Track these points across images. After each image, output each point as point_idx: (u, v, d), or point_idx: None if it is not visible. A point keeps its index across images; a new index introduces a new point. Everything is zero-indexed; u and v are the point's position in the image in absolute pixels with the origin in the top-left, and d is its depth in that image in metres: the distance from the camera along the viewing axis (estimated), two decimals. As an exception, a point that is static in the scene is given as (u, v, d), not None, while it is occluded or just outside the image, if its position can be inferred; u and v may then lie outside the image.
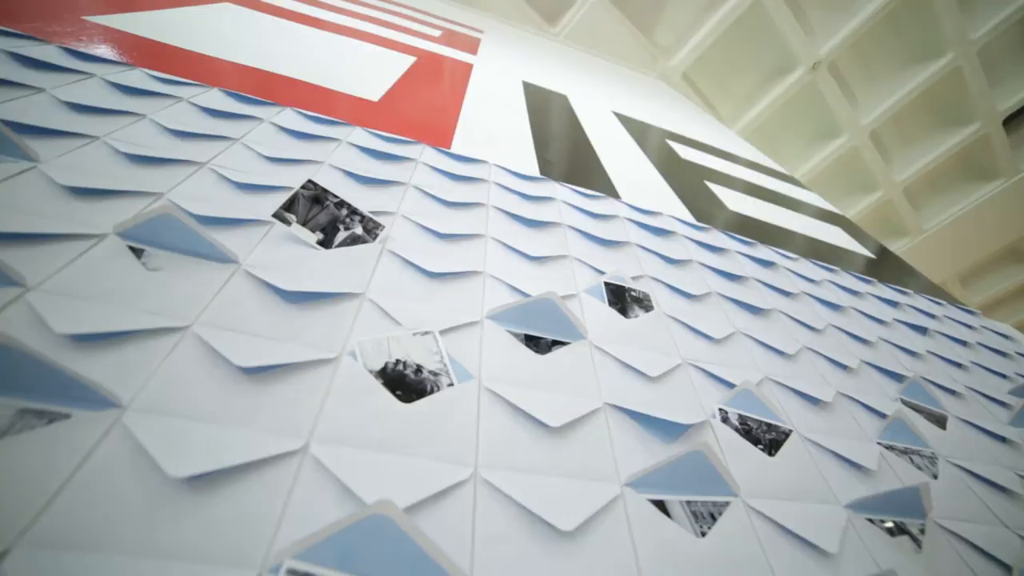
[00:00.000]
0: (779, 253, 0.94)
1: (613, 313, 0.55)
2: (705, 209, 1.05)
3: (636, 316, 0.56)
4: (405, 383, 0.37)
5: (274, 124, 0.71)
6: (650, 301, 0.60)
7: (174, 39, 0.96)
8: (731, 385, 0.50)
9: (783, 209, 1.33)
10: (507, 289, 0.53)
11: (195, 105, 0.69)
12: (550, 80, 1.86)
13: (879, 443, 0.52)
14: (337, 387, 0.35)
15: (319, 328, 0.40)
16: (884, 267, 1.20)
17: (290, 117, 0.75)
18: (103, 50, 0.77)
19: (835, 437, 0.50)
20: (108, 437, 0.28)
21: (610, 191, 0.93)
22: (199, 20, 1.15)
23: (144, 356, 0.33)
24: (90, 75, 0.66)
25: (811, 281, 0.87)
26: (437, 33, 2.05)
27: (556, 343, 0.48)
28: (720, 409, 0.47)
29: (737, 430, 0.45)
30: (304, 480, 0.29)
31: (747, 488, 0.39)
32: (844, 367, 0.64)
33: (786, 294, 0.78)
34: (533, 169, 0.90)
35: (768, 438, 0.46)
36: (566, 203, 0.80)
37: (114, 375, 0.31)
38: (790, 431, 0.48)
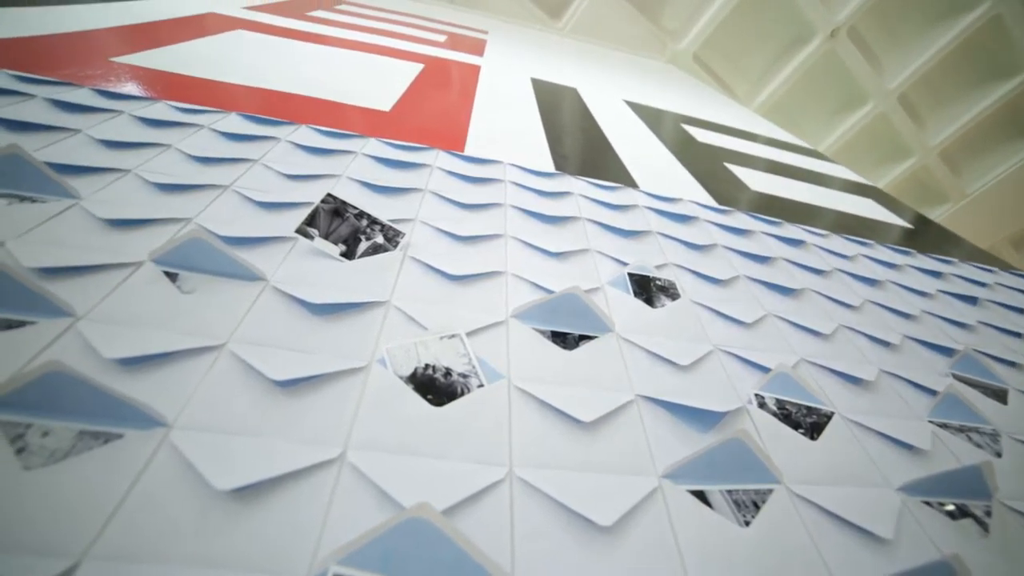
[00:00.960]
0: (807, 231, 0.91)
1: (639, 304, 0.55)
2: (726, 191, 1.03)
3: (663, 305, 0.55)
4: (436, 386, 0.38)
5: (291, 142, 0.73)
6: (676, 289, 0.59)
7: (192, 70, 0.99)
8: (766, 369, 0.49)
9: (809, 185, 1.29)
10: (530, 287, 0.53)
11: (216, 131, 0.71)
12: (558, 74, 1.85)
13: (931, 421, 0.50)
14: (369, 394, 0.36)
15: (348, 338, 0.41)
16: (924, 237, 1.14)
17: (306, 134, 0.77)
18: (129, 87, 0.81)
19: (881, 417, 0.48)
20: (158, 454, 0.29)
21: (627, 181, 0.92)
22: (213, 49, 1.18)
23: (185, 375, 0.34)
24: (119, 112, 0.70)
25: (844, 257, 0.84)
26: (442, 38, 2.06)
27: (583, 338, 0.47)
28: (756, 395, 0.45)
29: (775, 415, 0.44)
30: (343, 487, 0.30)
31: (790, 474, 0.38)
32: (886, 344, 0.61)
33: (817, 272, 0.75)
34: (548, 165, 0.90)
35: (809, 422, 0.44)
36: (583, 196, 0.79)
37: (159, 395, 0.32)
38: (832, 413, 0.46)
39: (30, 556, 0.24)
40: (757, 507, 0.35)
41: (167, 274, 0.42)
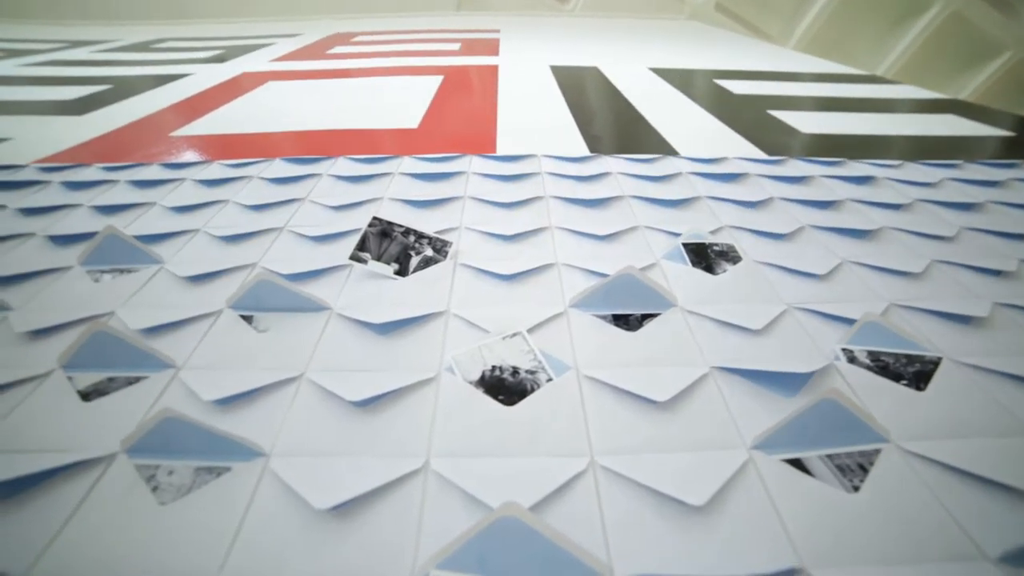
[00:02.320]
0: (876, 165, 0.83)
1: (698, 273, 0.52)
2: (775, 140, 0.96)
3: (724, 271, 0.53)
4: (505, 386, 0.38)
5: (332, 175, 0.76)
6: (736, 252, 0.56)
7: (236, 128, 1.07)
8: (850, 321, 0.45)
9: (870, 115, 1.18)
10: (584, 274, 0.52)
11: (264, 179, 0.76)
12: (577, 57, 1.82)
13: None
14: (443, 403, 0.37)
15: (415, 351, 0.42)
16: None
17: (344, 165, 0.80)
18: (188, 155, 0.88)
19: (1003, 356, 0.43)
20: (262, 482, 0.31)
21: (666, 150, 0.89)
22: (251, 105, 1.26)
23: (273, 407, 0.37)
24: (183, 180, 0.76)
25: (926, 185, 0.76)
26: (457, 46, 2.08)
27: (646, 317, 0.46)
28: (843, 350, 0.42)
29: (870, 368, 0.40)
30: (431, 495, 0.30)
31: (899, 431, 0.35)
32: (996, 273, 0.54)
33: (895, 207, 0.68)
34: (582, 149, 0.89)
35: (912, 371, 0.40)
36: (623, 174, 0.77)
37: (254, 428, 0.35)
38: (939, 359, 0.42)
39: (170, 586, 0.26)
40: (864, 470, 0.32)
41: (243, 317, 0.46)
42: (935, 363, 0.41)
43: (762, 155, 0.87)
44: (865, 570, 0.27)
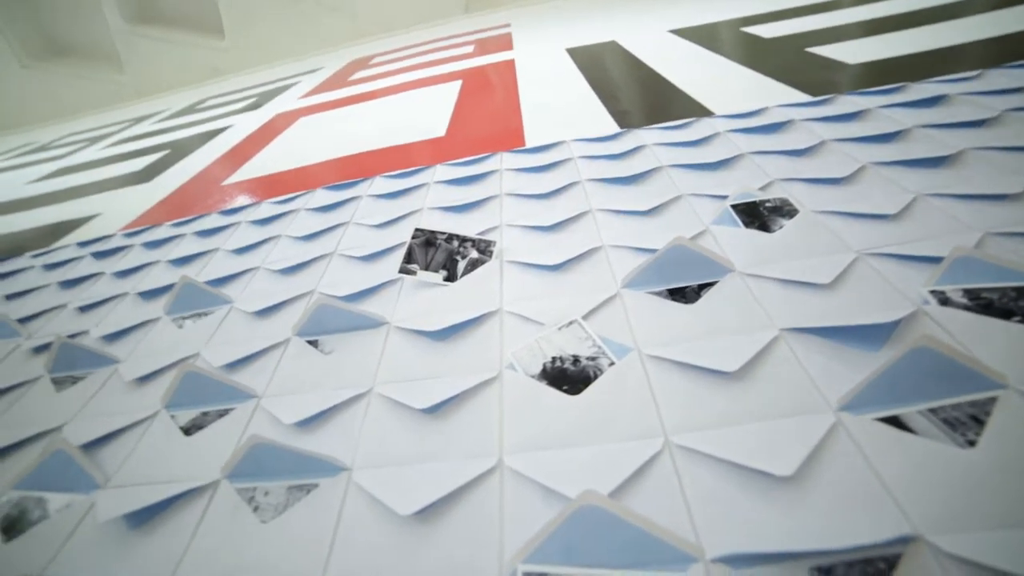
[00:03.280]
0: (946, 81, 0.75)
1: (753, 233, 0.50)
2: (819, 79, 0.90)
3: (780, 227, 0.50)
4: (568, 376, 0.38)
5: (371, 195, 0.79)
6: (791, 205, 0.52)
7: (278, 166, 1.13)
8: (935, 260, 0.41)
9: (931, 27, 1.06)
10: (632, 252, 0.51)
11: (310, 209, 0.80)
12: (592, 35, 1.77)
13: None
14: (508, 400, 0.37)
15: (474, 353, 0.43)
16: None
17: (381, 184, 0.83)
18: (240, 200, 0.95)
19: None
20: (348, 494, 0.33)
21: (700, 112, 0.85)
22: (287, 143, 1.33)
23: (348, 423, 0.38)
24: (238, 223, 0.81)
25: (1013, 92, 0.67)
26: (470, 48, 2.09)
27: (703, 287, 0.44)
28: (932, 292, 0.38)
29: (968, 308, 0.36)
30: (509, 491, 0.31)
31: (1019, 374, 0.31)
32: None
33: (975, 124, 0.61)
34: (611, 127, 0.86)
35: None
36: (657, 144, 0.74)
37: (334, 444, 0.37)
38: (1050, 285, 0.37)
39: (281, 599, 0.28)
40: (979, 422, 0.29)
41: (309, 342, 0.48)
42: (1048, 291, 0.36)
43: (806, 98, 0.81)
44: (992, 535, 0.24)
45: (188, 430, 0.42)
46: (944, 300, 0.37)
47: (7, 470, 0.43)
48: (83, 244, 0.91)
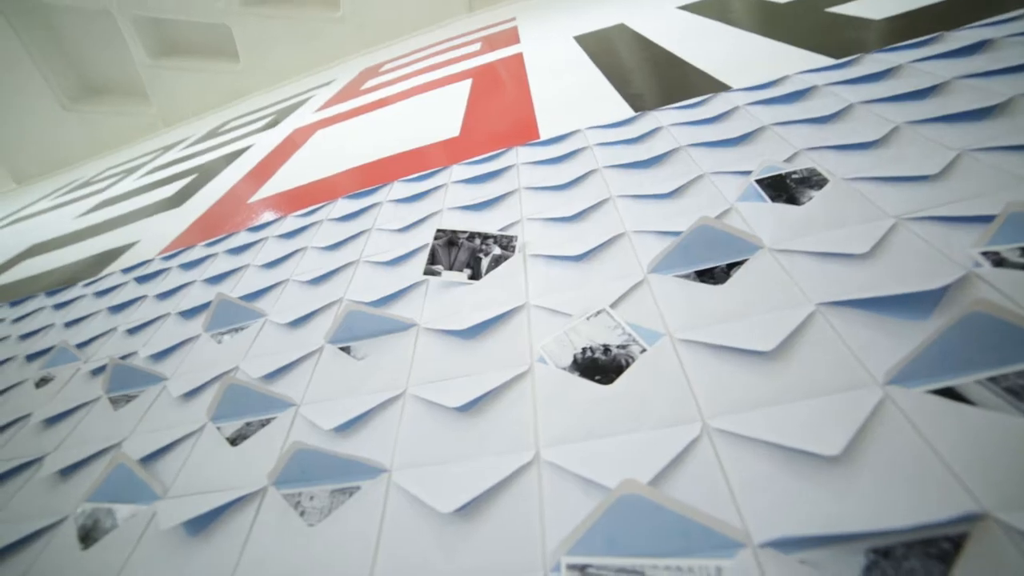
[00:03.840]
0: (988, 25, 0.69)
1: (781, 208, 0.48)
2: (843, 39, 0.86)
3: (810, 199, 0.48)
4: (599, 366, 0.38)
5: (391, 200, 0.80)
6: (819, 174, 0.50)
7: (299, 180, 1.16)
8: (986, 218, 0.38)
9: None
10: (656, 237, 0.50)
11: (332, 219, 0.81)
12: (599, 20, 1.74)
13: None
14: (541, 393, 0.37)
15: (504, 349, 0.43)
16: None
17: (400, 188, 0.84)
18: (265, 216, 0.97)
19: None
20: (389, 495, 0.33)
21: (716, 87, 0.82)
22: (307, 157, 1.36)
23: (384, 425, 0.39)
24: (266, 239, 0.84)
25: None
26: (477, 46, 2.09)
27: (732, 266, 0.43)
28: (984, 252, 0.36)
29: None
30: (547, 484, 0.31)
31: None
32: None
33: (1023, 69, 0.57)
34: (625, 111, 0.85)
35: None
36: (674, 124, 0.73)
37: (372, 447, 0.37)
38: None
39: (334, 599, 0.29)
40: (1044, 388, 0.27)
41: (342, 349, 0.49)
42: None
43: (830, 61, 0.77)
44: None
45: (234, 440, 0.43)
46: (998, 261, 0.35)
47: (80, 484, 0.46)
48: (126, 270, 0.95)
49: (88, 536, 0.40)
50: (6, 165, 3.76)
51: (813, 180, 0.50)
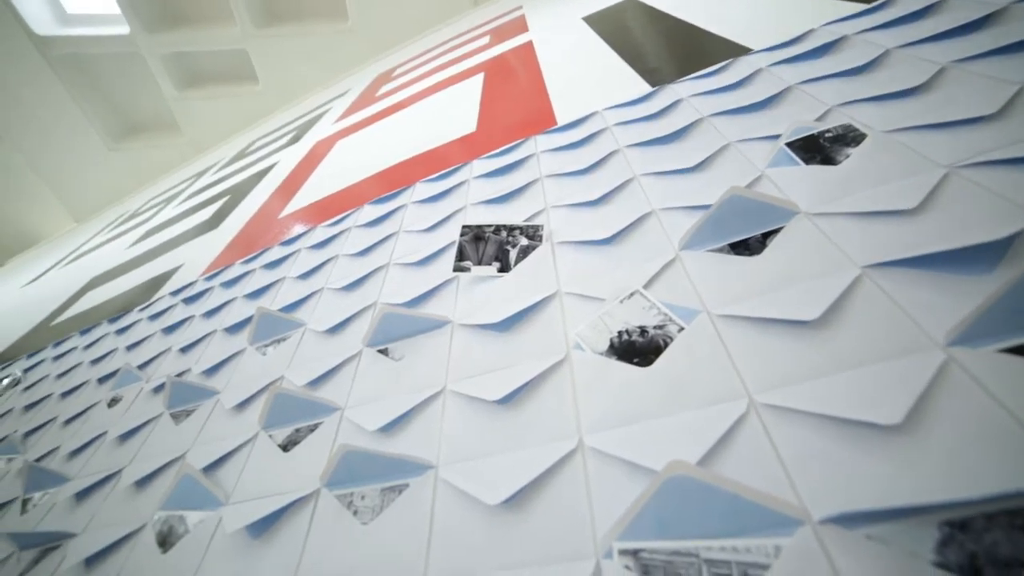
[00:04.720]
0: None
1: (816, 169, 0.46)
2: (871, -15, 0.80)
3: (847, 156, 0.45)
4: (637, 348, 0.37)
5: (415, 202, 0.81)
6: (855, 130, 0.47)
7: (325, 191, 1.18)
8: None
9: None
10: (684, 212, 0.49)
11: (360, 226, 0.83)
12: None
13: None
14: (580, 380, 0.37)
15: (538, 338, 0.43)
16: None
17: (422, 189, 0.84)
18: (295, 229, 1.00)
19: None
20: (437, 491, 0.34)
21: (736, 51, 0.79)
22: (330, 169, 1.39)
23: (427, 423, 0.40)
24: (298, 251, 0.86)
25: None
26: (486, 39, 2.07)
27: (767, 235, 0.41)
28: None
29: (1090, 206, 0.31)
30: (593, 470, 0.30)
31: None
32: None
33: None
34: (642, 87, 0.83)
35: None
36: (694, 95, 0.70)
37: (417, 444, 0.38)
38: None
39: (393, 594, 0.30)
40: None
41: (380, 351, 0.50)
42: None
43: (860, 7, 0.73)
44: None
45: (285, 447, 0.45)
46: (1066, 203, 0.32)
47: (153, 495, 0.49)
48: (174, 293, 1.00)
49: (165, 541, 0.43)
50: (67, 206, 4.07)
51: (849, 137, 0.47)
